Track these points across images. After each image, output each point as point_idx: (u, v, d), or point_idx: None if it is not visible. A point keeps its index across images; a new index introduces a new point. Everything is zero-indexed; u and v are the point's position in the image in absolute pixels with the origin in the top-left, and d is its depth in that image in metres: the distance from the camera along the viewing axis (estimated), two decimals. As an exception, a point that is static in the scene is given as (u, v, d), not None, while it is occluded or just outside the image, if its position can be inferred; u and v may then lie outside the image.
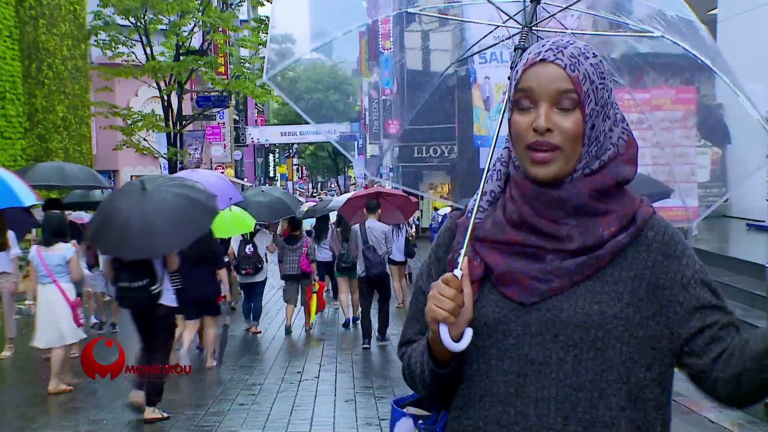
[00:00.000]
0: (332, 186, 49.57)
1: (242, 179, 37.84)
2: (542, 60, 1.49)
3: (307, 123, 4.52)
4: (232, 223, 10.00)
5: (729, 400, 1.51)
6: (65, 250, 7.40)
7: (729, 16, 15.27)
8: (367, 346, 9.94)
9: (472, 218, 1.58)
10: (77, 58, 21.08)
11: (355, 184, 54.29)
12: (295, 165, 60.85)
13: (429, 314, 1.48)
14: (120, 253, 6.36)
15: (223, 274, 8.73)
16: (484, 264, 1.55)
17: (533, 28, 2.77)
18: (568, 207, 1.51)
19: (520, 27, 2.80)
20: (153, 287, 6.35)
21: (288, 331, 11.03)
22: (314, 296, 11.44)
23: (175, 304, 6.76)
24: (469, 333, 1.48)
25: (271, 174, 55.82)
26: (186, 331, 8.59)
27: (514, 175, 1.58)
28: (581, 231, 1.51)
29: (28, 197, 8.79)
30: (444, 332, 1.47)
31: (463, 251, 1.54)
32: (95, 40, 18.87)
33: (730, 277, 8.71)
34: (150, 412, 6.52)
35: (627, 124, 1.58)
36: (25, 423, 6.70)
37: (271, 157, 56.01)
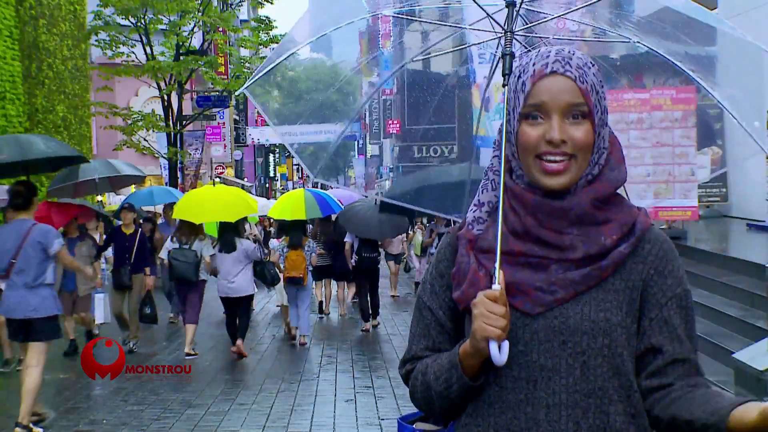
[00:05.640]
0: (332, 186, 49.52)
1: (242, 179, 37.85)
2: (552, 72, 1.50)
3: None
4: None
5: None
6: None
7: (729, 16, 15.25)
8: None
9: (499, 230, 1.57)
10: (77, 58, 21.02)
11: (354, 184, 54.17)
12: (295, 165, 60.73)
13: (480, 333, 1.46)
14: (358, 232, 11.63)
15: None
16: (489, 275, 1.56)
17: (516, 32, 2.75)
18: (571, 216, 1.52)
19: (502, 32, 2.77)
20: (379, 257, 11.91)
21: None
22: None
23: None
24: (506, 345, 1.48)
25: (271, 174, 55.75)
26: (338, 290, 13.37)
27: (513, 186, 1.58)
28: (584, 240, 1.52)
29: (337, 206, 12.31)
30: (494, 349, 1.47)
31: (497, 264, 1.53)
32: (95, 40, 18.85)
33: (730, 277, 8.67)
34: None
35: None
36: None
37: (271, 157, 55.83)
